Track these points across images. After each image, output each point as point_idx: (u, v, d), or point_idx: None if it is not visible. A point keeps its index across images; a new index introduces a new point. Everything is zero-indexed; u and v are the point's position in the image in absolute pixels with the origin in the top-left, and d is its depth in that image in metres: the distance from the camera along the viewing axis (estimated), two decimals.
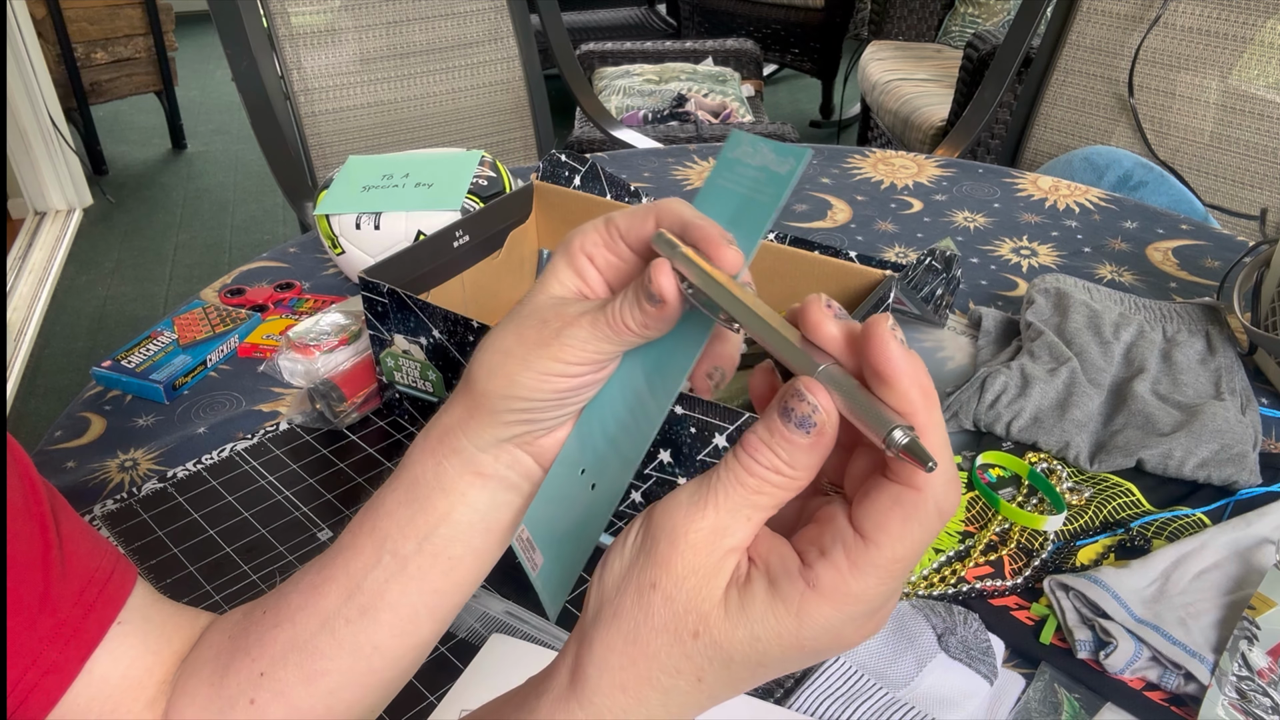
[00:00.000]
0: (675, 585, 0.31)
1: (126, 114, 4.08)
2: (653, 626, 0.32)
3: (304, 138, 1.78)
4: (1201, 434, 0.80)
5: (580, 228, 0.39)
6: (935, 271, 0.99)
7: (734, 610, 0.31)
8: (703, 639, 0.31)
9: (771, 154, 0.36)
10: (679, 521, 0.32)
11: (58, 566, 0.44)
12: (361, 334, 0.95)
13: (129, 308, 2.78)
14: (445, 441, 0.42)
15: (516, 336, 0.39)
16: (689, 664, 0.31)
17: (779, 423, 0.31)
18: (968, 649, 0.64)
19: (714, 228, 0.35)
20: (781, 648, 0.31)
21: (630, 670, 0.32)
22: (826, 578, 0.30)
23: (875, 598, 0.30)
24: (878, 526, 0.30)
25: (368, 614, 0.44)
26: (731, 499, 0.31)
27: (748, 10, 3.74)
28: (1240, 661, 0.62)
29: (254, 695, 0.44)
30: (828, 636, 0.30)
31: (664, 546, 0.32)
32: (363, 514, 0.45)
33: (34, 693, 0.42)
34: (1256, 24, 1.52)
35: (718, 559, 0.31)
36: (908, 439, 0.28)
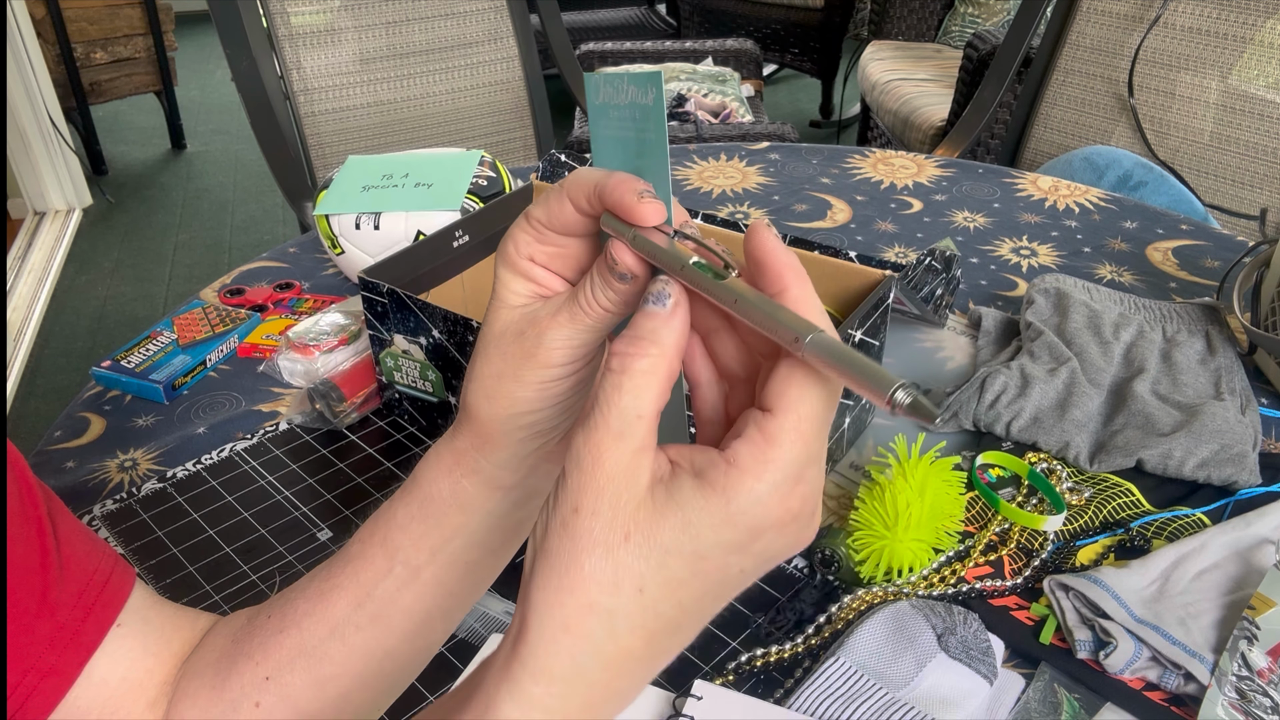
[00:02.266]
0: (595, 499, 0.31)
1: (126, 114, 4.07)
2: (581, 547, 0.31)
3: (304, 138, 1.78)
4: (1201, 434, 0.80)
5: (508, 233, 0.39)
6: (935, 271, 0.99)
7: (661, 501, 0.31)
8: (633, 538, 0.31)
9: (633, 87, 0.36)
10: (580, 445, 0.32)
11: (55, 569, 0.44)
12: (361, 334, 0.95)
13: (129, 308, 2.78)
14: (461, 463, 0.42)
15: (501, 357, 0.38)
16: (625, 572, 0.31)
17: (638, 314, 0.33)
18: (968, 649, 0.64)
19: (625, 182, 0.35)
20: (714, 528, 0.30)
21: (569, 603, 0.31)
22: (744, 452, 0.31)
23: (793, 460, 0.31)
24: (779, 395, 0.31)
25: (379, 621, 0.43)
26: (615, 401, 0.32)
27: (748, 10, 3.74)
28: (1240, 661, 0.62)
29: (259, 699, 0.44)
30: (757, 507, 0.30)
31: (573, 472, 0.32)
32: (372, 524, 0.44)
33: (33, 696, 0.42)
34: (1256, 24, 1.52)
35: (628, 460, 0.31)
36: (911, 398, 0.28)
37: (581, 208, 0.37)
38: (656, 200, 0.35)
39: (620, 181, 0.35)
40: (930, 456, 0.72)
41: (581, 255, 0.38)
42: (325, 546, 0.76)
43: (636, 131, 0.36)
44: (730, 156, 1.46)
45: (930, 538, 0.70)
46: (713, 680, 0.64)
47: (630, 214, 0.35)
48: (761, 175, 1.40)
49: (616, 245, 0.36)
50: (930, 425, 0.29)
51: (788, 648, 0.66)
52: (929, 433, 0.86)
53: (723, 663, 0.65)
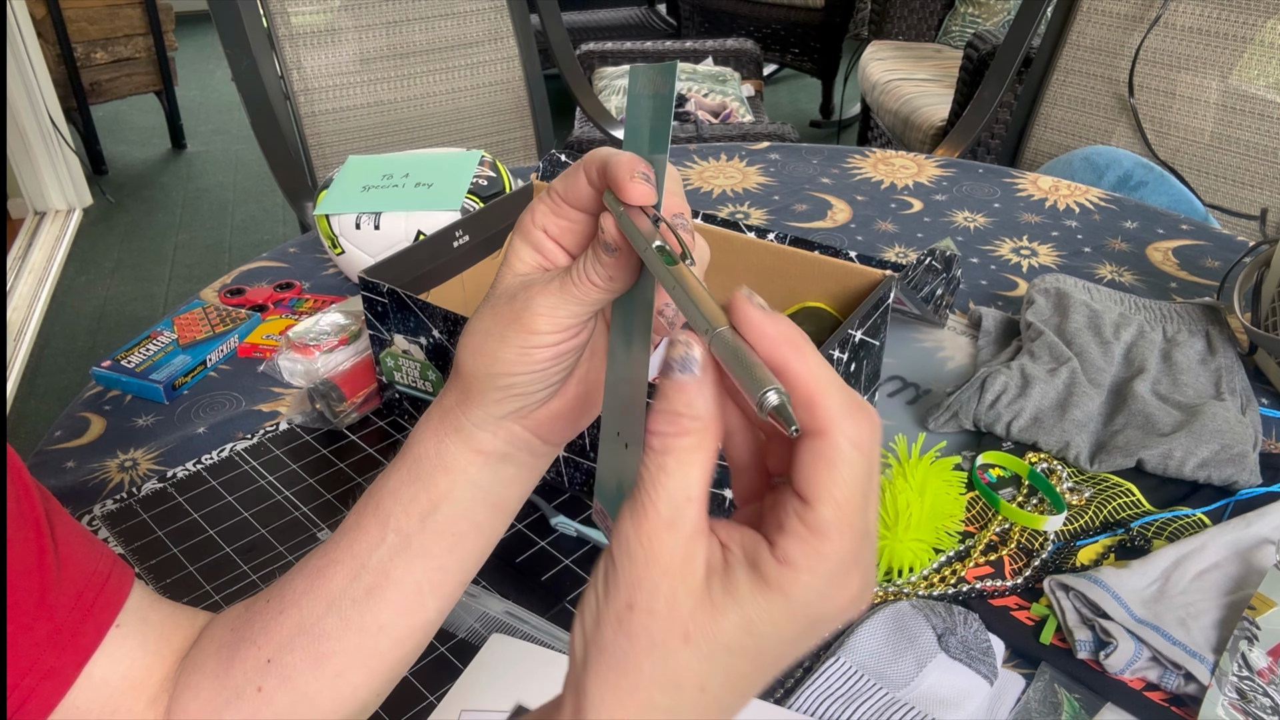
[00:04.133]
0: (650, 595, 0.30)
1: (126, 114, 4.07)
2: (640, 648, 0.30)
3: (304, 138, 1.78)
4: (1202, 434, 0.80)
5: (530, 204, 0.41)
6: (935, 271, 0.99)
7: (720, 598, 0.30)
8: (694, 639, 0.30)
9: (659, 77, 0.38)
10: (630, 535, 0.30)
11: (53, 571, 0.44)
12: (361, 334, 0.95)
13: (129, 308, 2.78)
14: (446, 421, 0.43)
15: (492, 316, 0.40)
16: (686, 674, 0.30)
17: (665, 382, 0.31)
18: (968, 649, 0.64)
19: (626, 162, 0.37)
20: (776, 625, 0.30)
21: (629, 703, 0.30)
22: (793, 549, 0.29)
23: (843, 551, 0.30)
24: (811, 483, 0.30)
25: (374, 593, 0.44)
26: (662, 484, 0.30)
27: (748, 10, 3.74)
28: (1240, 661, 0.62)
29: (261, 683, 0.45)
30: (818, 603, 0.30)
31: (628, 564, 0.30)
32: (367, 495, 0.46)
33: (32, 697, 0.42)
34: (1256, 24, 1.52)
35: (683, 551, 0.30)
36: (778, 400, 0.28)
37: (592, 180, 0.38)
38: (646, 183, 0.36)
39: (622, 160, 0.37)
40: (930, 456, 0.72)
41: (588, 233, 0.40)
42: None
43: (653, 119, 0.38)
44: (730, 156, 1.46)
45: (930, 538, 0.70)
46: None
47: (620, 189, 0.36)
48: (761, 175, 1.40)
49: (605, 217, 0.37)
50: (788, 433, 0.28)
51: None
52: (930, 432, 0.86)
53: None
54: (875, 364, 0.87)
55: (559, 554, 0.74)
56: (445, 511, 0.44)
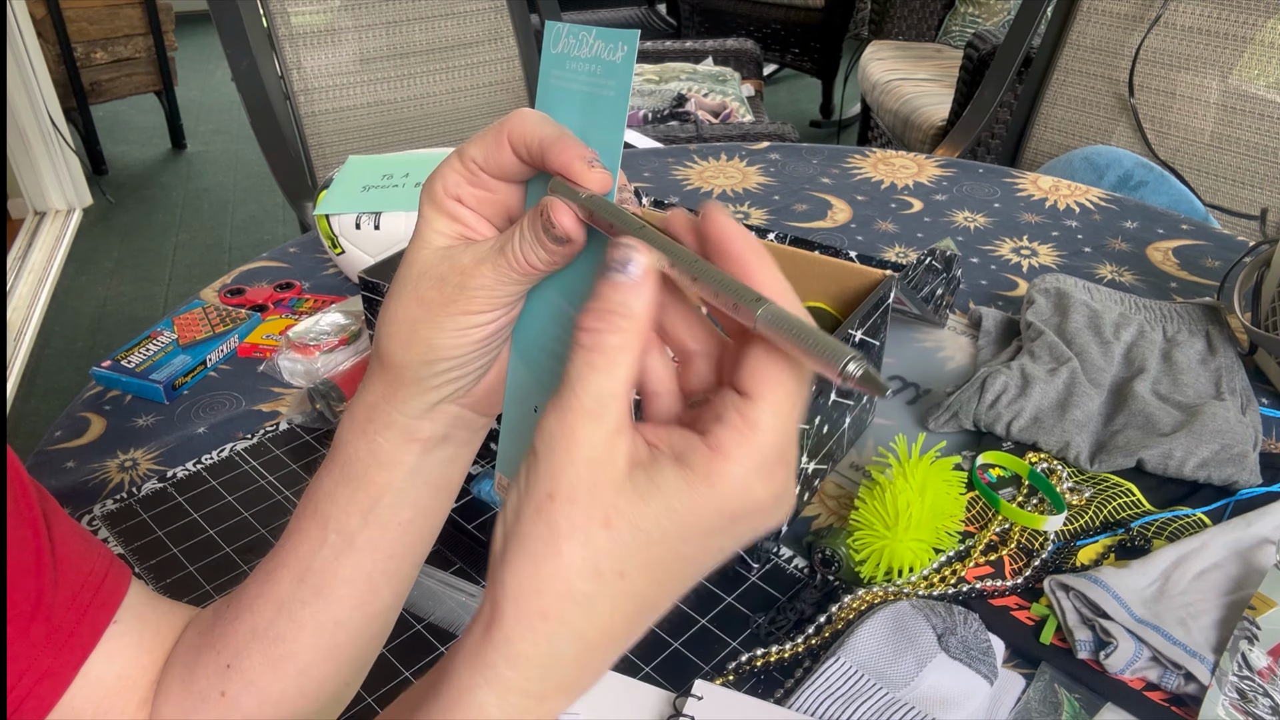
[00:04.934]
0: (572, 484, 0.30)
1: (126, 114, 4.07)
2: (560, 534, 0.30)
3: (304, 138, 1.78)
4: (1202, 434, 0.80)
5: (437, 170, 0.38)
6: (935, 271, 0.99)
7: (643, 485, 0.30)
8: (615, 525, 0.30)
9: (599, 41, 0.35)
10: (553, 427, 0.31)
11: (50, 571, 0.44)
12: (361, 334, 0.95)
13: (129, 308, 2.78)
14: (374, 418, 0.41)
15: (418, 301, 0.38)
16: (606, 559, 0.30)
17: (603, 283, 0.31)
18: (968, 649, 0.64)
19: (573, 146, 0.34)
20: (698, 514, 0.30)
21: (546, 591, 0.30)
22: (726, 437, 0.30)
23: (773, 445, 0.31)
24: (757, 379, 0.31)
25: (323, 593, 0.43)
26: (589, 380, 0.31)
27: (748, 10, 3.74)
28: (1240, 661, 0.62)
29: (224, 688, 0.44)
30: (741, 494, 0.30)
31: (550, 456, 0.31)
32: (304, 499, 0.44)
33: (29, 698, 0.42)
34: (1257, 24, 1.52)
35: (605, 442, 0.30)
36: (862, 370, 0.28)
37: (521, 155, 0.36)
38: (604, 170, 0.34)
39: (568, 145, 0.34)
40: (930, 456, 0.72)
41: (510, 200, 0.38)
42: None
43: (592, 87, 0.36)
44: (730, 156, 1.46)
45: (930, 538, 0.70)
46: (713, 680, 0.63)
47: (579, 179, 0.34)
48: (762, 175, 1.40)
49: (555, 207, 0.35)
50: (881, 396, 0.29)
51: (788, 648, 0.66)
52: (930, 432, 0.86)
53: (723, 663, 0.65)
54: (875, 364, 0.87)
55: None
56: (387, 503, 0.42)
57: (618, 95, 0.35)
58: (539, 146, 0.35)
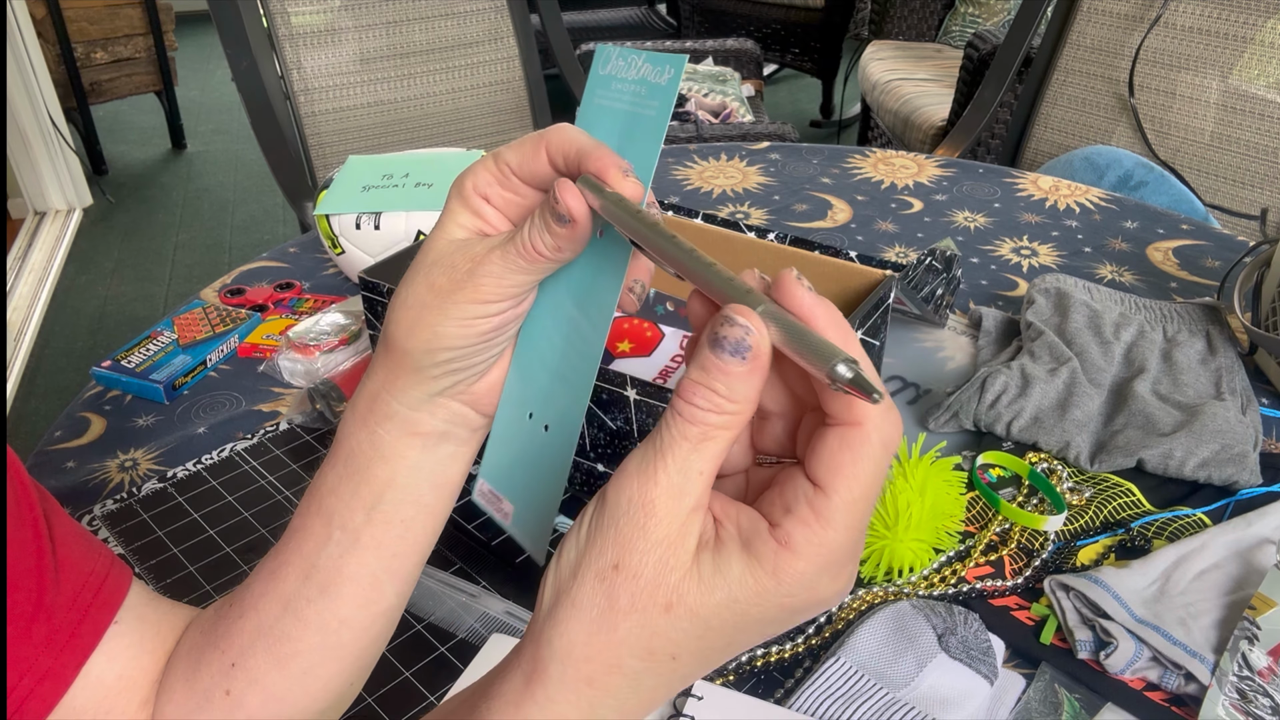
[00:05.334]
0: (640, 560, 0.29)
1: (126, 114, 4.07)
2: (619, 609, 0.30)
3: (304, 138, 1.78)
4: (1202, 434, 0.80)
5: (470, 168, 0.38)
6: (935, 271, 0.99)
7: (708, 574, 0.29)
8: (676, 610, 0.29)
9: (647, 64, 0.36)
10: (633, 494, 0.30)
11: (51, 572, 0.44)
12: (361, 334, 0.95)
13: (129, 308, 2.78)
14: (375, 409, 0.41)
15: (428, 287, 0.38)
16: (661, 641, 0.30)
17: (711, 357, 0.30)
18: (968, 649, 0.64)
19: (610, 156, 0.35)
20: (761, 609, 0.30)
21: (596, 660, 0.30)
22: (797, 533, 0.29)
23: (844, 544, 0.30)
24: (831, 471, 0.29)
25: (328, 591, 0.43)
26: (680, 454, 0.30)
27: (748, 10, 3.74)
28: (1240, 661, 0.62)
29: (228, 686, 0.44)
30: (806, 592, 0.30)
31: (623, 523, 0.30)
32: (307, 495, 0.44)
33: (30, 699, 0.42)
34: (1257, 24, 1.52)
35: (680, 523, 0.30)
36: (852, 372, 0.27)
37: (557, 165, 0.36)
38: (638, 181, 0.35)
39: (605, 155, 0.35)
40: (930, 456, 0.72)
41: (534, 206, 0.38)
42: None
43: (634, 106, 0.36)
44: (730, 156, 1.46)
45: (930, 538, 0.70)
46: (713, 680, 0.64)
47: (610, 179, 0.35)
48: (762, 175, 1.40)
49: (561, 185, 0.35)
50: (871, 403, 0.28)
51: (788, 648, 0.66)
52: (930, 432, 0.86)
53: None
54: (875, 364, 0.87)
55: None
56: (389, 500, 0.42)
57: (659, 115, 0.36)
58: (576, 155, 0.36)
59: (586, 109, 0.38)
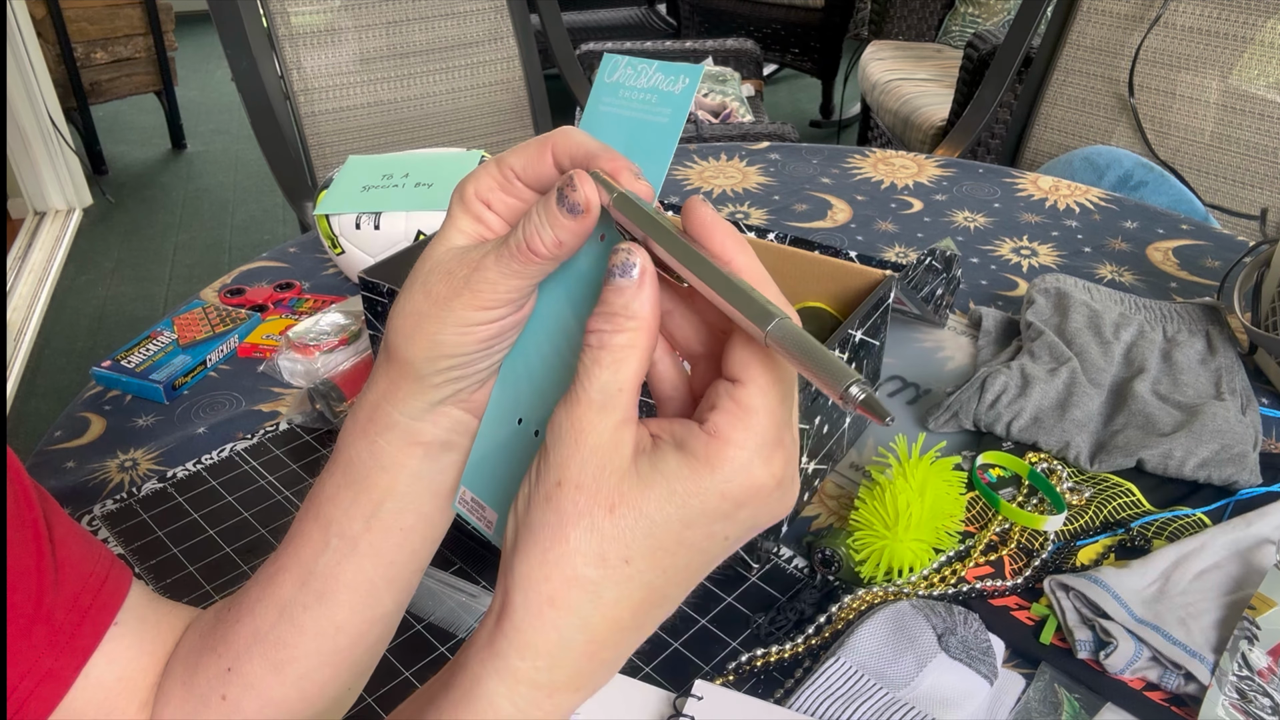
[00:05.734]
0: (579, 470, 0.31)
1: (126, 114, 4.07)
2: (566, 519, 0.31)
3: (304, 138, 1.78)
4: (1202, 434, 0.80)
5: (473, 172, 0.38)
6: (935, 271, 0.99)
7: (646, 472, 0.31)
8: (619, 510, 0.31)
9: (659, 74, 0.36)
10: (562, 420, 0.32)
11: (51, 573, 0.44)
12: (361, 334, 0.95)
13: (129, 308, 2.78)
14: (376, 419, 0.41)
15: (425, 295, 0.37)
16: (611, 544, 0.31)
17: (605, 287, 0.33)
18: (968, 649, 0.64)
19: (620, 159, 0.35)
20: (701, 498, 0.31)
21: (554, 577, 0.31)
22: (722, 421, 0.31)
23: (768, 426, 0.32)
24: (745, 365, 0.32)
25: (325, 597, 0.43)
26: (598, 377, 0.32)
27: (748, 10, 3.74)
28: (1240, 661, 0.62)
29: (224, 691, 0.44)
30: (741, 475, 0.31)
31: (559, 446, 0.32)
32: (306, 502, 0.44)
33: (30, 700, 0.42)
34: (1257, 24, 1.52)
35: (611, 432, 0.32)
36: (865, 394, 0.29)
37: (564, 168, 0.36)
38: (648, 183, 0.35)
39: (615, 157, 0.35)
40: (930, 456, 0.72)
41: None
42: None
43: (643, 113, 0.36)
44: (730, 156, 1.46)
45: (930, 538, 0.70)
46: (713, 680, 0.64)
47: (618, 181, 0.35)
48: (762, 175, 1.40)
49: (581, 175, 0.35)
50: (882, 423, 0.29)
51: (788, 648, 0.66)
52: (930, 432, 0.86)
53: (723, 663, 0.65)
54: (875, 364, 0.87)
55: None
56: (389, 509, 0.42)
57: (671, 122, 0.36)
58: (585, 159, 0.36)
59: (592, 115, 0.38)
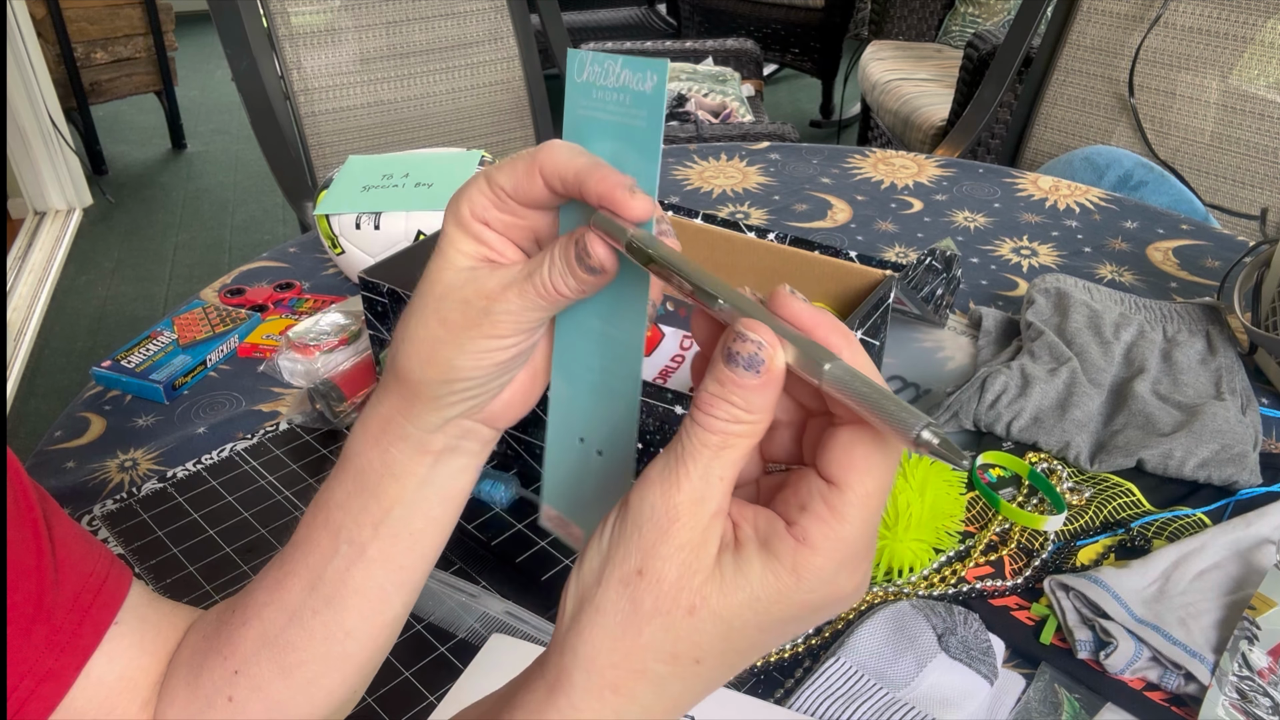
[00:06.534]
0: (664, 565, 0.30)
1: (126, 114, 4.07)
2: (643, 614, 0.30)
3: (304, 138, 1.78)
4: (1202, 434, 0.80)
5: (463, 190, 0.37)
6: (935, 271, 0.99)
7: (730, 576, 0.30)
8: (699, 613, 0.30)
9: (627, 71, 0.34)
10: (656, 500, 0.31)
11: (51, 573, 0.44)
12: (361, 334, 0.95)
13: (129, 308, 2.78)
14: (389, 431, 0.41)
15: (440, 322, 0.37)
16: (685, 645, 0.30)
17: (726, 371, 0.30)
18: (968, 649, 0.64)
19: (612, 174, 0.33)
20: (783, 606, 0.30)
21: (621, 666, 0.30)
22: (814, 529, 0.30)
23: (860, 538, 0.30)
24: (844, 467, 0.30)
25: (334, 602, 0.43)
26: (701, 462, 0.30)
27: (748, 10, 3.74)
28: (1240, 661, 0.62)
29: (231, 693, 0.44)
30: (825, 587, 0.30)
31: (646, 529, 0.30)
32: (313, 508, 0.44)
33: (31, 700, 0.42)
34: (1256, 24, 1.52)
35: (703, 528, 0.30)
36: (938, 438, 0.27)
37: (555, 188, 0.35)
38: (646, 196, 0.33)
39: (606, 174, 0.33)
40: None
41: (539, 225, 0.37)
42: None
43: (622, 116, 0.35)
44: (730, 156, 1.46)
45: (930, 538, 0.70)
46: None
47: (621, 209, 0.33)
48: (762, 175, 1.40)
49: (591, 238, 0.34)
50: (958, 466, 0.28)
51: (788, 648, 0.66)
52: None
53: None
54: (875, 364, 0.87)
55: (559, 554, 0.74)
56: (398, 514, 0.42)
57: (649, 125, 0.34)
58: (575, 178, 0.34)
59: (571, 120, 0.36)
